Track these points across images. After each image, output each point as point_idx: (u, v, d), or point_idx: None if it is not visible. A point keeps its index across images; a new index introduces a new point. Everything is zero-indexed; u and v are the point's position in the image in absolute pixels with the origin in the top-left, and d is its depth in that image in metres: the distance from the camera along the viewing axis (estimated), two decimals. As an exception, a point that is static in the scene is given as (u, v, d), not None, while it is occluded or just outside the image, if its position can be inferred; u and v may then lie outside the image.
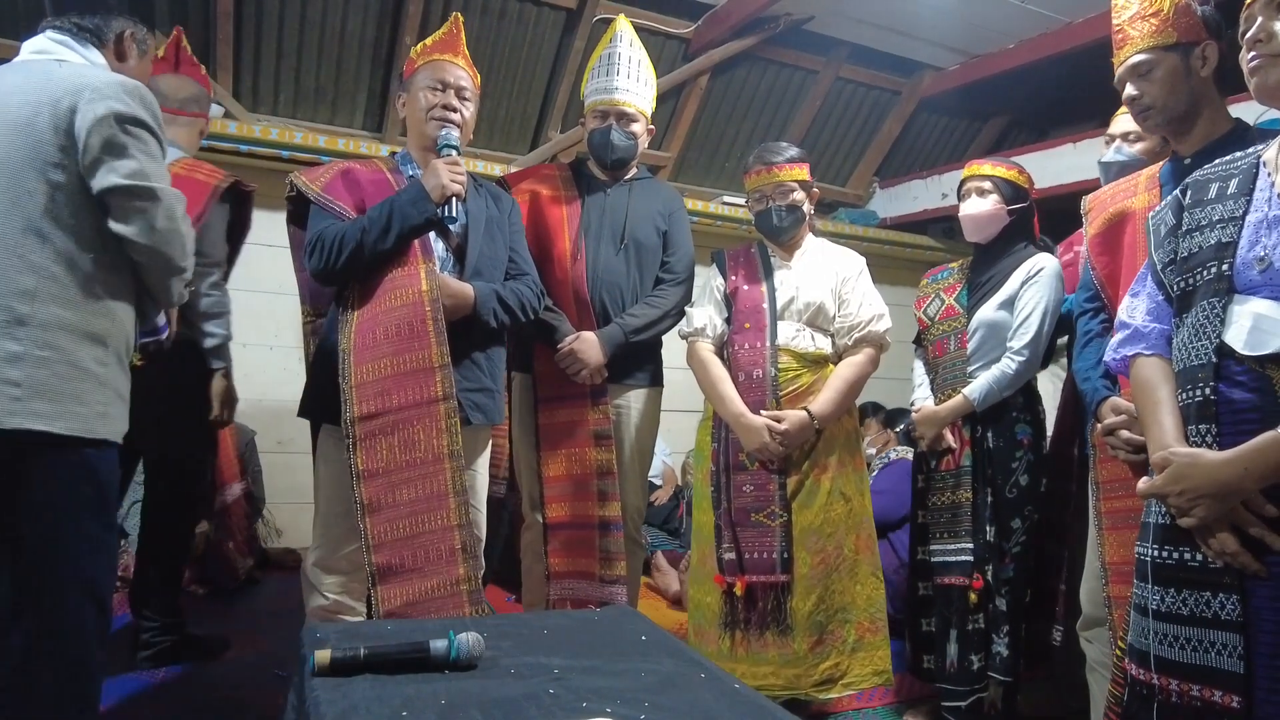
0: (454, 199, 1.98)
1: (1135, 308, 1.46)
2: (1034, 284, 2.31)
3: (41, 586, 1.57)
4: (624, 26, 2.51)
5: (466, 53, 2.18)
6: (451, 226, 2.06)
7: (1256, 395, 1.20)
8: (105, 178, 1.60)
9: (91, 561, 1.64)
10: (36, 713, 1.56)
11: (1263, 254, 1.22)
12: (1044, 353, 2.35)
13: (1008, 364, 2.30)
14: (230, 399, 2.67)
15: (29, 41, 1.77)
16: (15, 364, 1.52)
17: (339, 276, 1.97)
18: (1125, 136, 2.28)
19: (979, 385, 2.32)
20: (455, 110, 2.09)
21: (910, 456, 3.31)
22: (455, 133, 2.08)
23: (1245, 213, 1.28)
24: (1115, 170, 2.24)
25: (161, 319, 1.99)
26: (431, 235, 2.05)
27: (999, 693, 2.38)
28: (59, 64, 1.69)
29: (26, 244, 1.56)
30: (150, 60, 1.94)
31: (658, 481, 4.39)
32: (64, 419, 1.56)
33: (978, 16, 4.31)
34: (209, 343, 2.56)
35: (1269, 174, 1.29)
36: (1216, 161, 1.40)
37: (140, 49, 1.87)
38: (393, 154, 2.22)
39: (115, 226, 1.62)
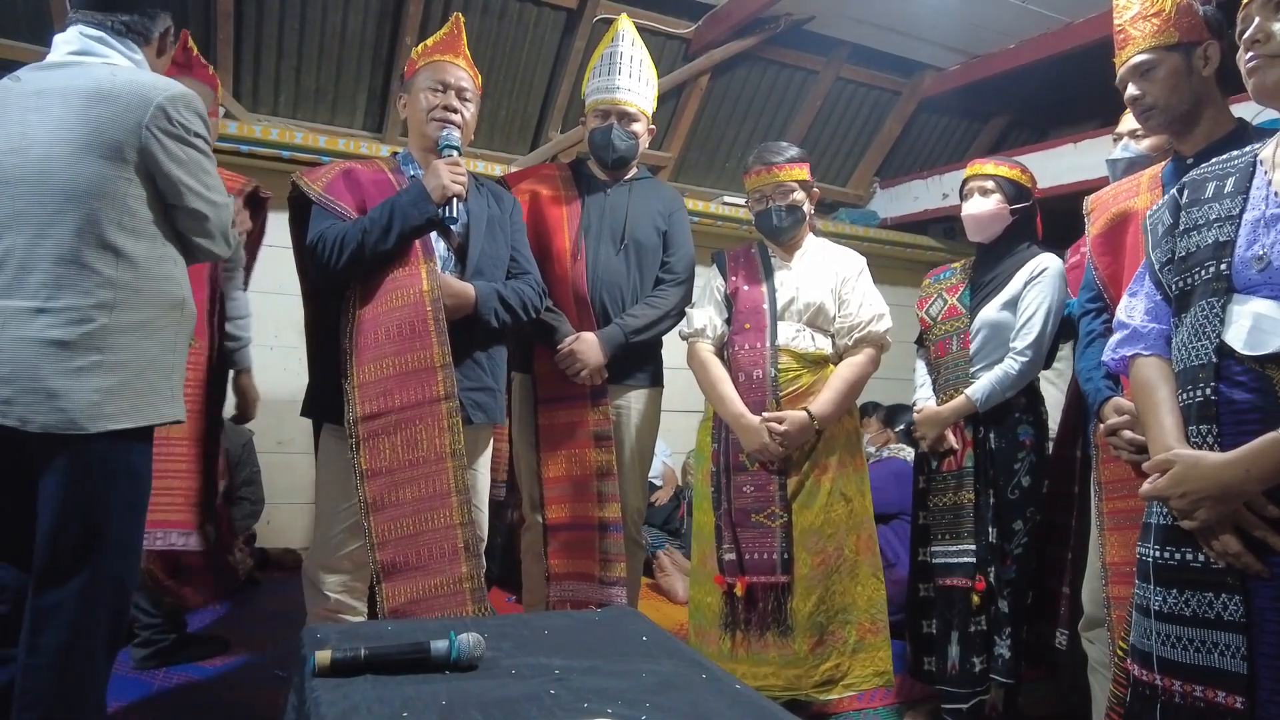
0: (455, 199, 1.99)
1: (1134, 308, 1.46)
2: (1037, 284, 2.31)
3: (57, 562, 1.63)
4: (626, 26, 2.50)
5: (468, 53, 2.18)
6: (452, 227, 2.06)
7: (1257, 395, 1.19)
8: (176, 198, 1.69)
9: (114, 550, 1.69)
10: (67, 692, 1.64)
11: (1261, 253, 1.22)
12: (1047, 353, 2.35)
13: (1010, 364, 2.29)
14: (254, 397, 2.82)
15: (63, 37, 1.74)
16: (95, 372, 1.61)
17: (340, 277, 1.97)
18: (1133, 134, 2.27)
19: (981, 386, 2.31)
20: (456, 111, 2.10)
21: (907, 455, 3.31)
22: (456, 133, 2.08)
23: (1242, 211, 1.27)
24: (1123, 167, 2.24)
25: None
26: (433, 235, 2.06)
27: (1000, 695, 2.37)
28: (112, 71, 1.69)
29: (101, 257, 1.63)
30: (170, 57, 1.96)
31: (658, 482, 4.39)
32: (139, 413, 1.67)
33: (978, 16, 4.30)
34: (232, 345, 2.68)
35: (1265, 172, 1.29)
36: (1213, 161, 1.40)
37: (171, 47, 1.90)
38: (394, 154, 2.23)
39: (188, 237, 1.76)
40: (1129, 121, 2.26)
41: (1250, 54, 1.28)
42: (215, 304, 2.63)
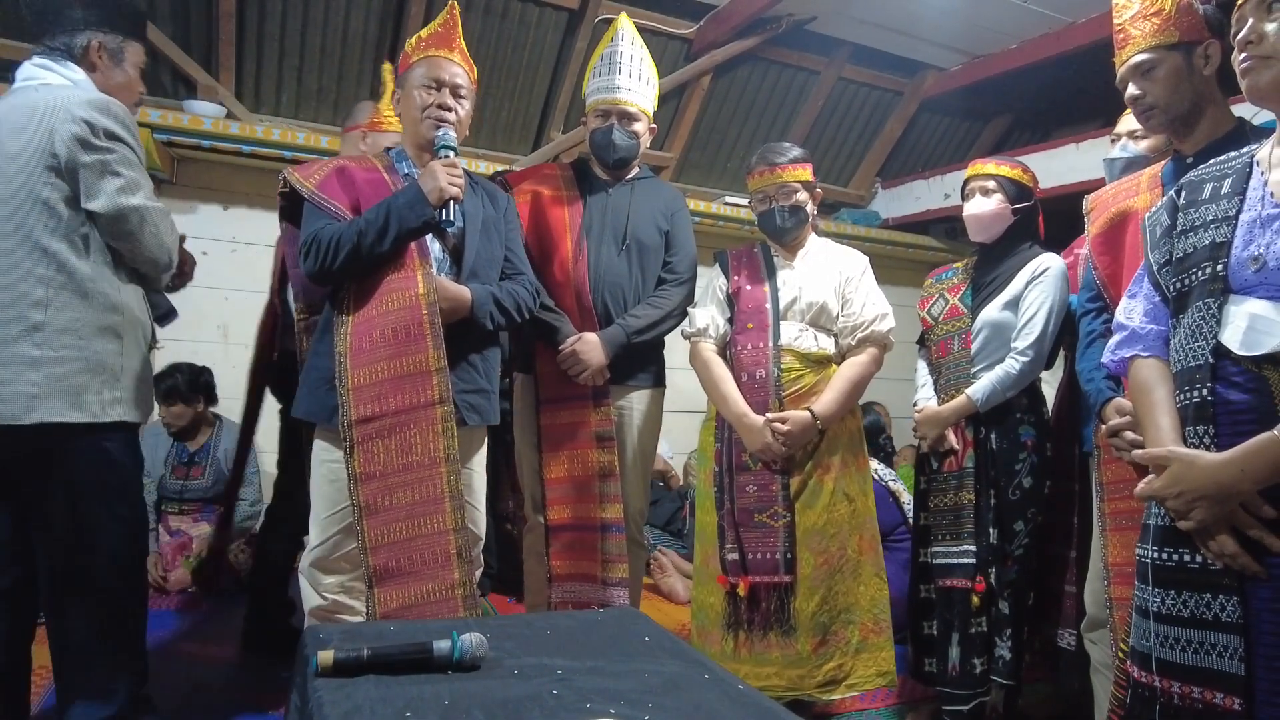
0: (451, 202, 1.96)
1: (1133, 309, 1.46)
2: (1039, 284, 2.31)
3: (72, 559, 1.84)
4: (625, 25, 2.49)
5: (463, 46, 2.13)
6: (449, 230, 2.04)
7: (1253, 396, 1.20)
8: (91, 201, 1.80)
9: (112, 533, 1.89)
10: (90, 672, 1.88)
11: (1257, 253, 1.22)
12: (1049, 353, 2.35)
13: (1012, 364, 2.29)
14: None
15: (20, 69, 1.93)
16: (34, 367, 1.76)
17: (334, 278, 1.96)
18: (1132, 134, 2.27)
19: (982, 386, 2.31)
20: (450, 109, 2.06)
21: (880, 474, 3.27)
22: (453, 133, 2.05)
23: (1239, 212, 1.27)
24: (1120, 167, 2.23)
25: (167, 303, 2.16)
26: (428, 236, 2.03)
27: (1000, 696, 2.37)
28: (39, 89, 1.86)
29: (35, 259, 1.78)
30: (133, 66, 2.03)
31: (659, 483, 4.39)
32: (78, 409, 1.79)
33: (980, 17, 4.30)
34: None
35: (1262, 173, 1.29)
36: (1211, 162, 1.40)
37: (113, 58, 1.98)
38: (387, 150, 2.21)
39: (109, 240, 1.85)
40: (1128, 122, 2.26)
41: (1244, 55, 1.28)
42: (273, 318, 2.74)
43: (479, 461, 2.16)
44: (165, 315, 2.15)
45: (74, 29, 1.93)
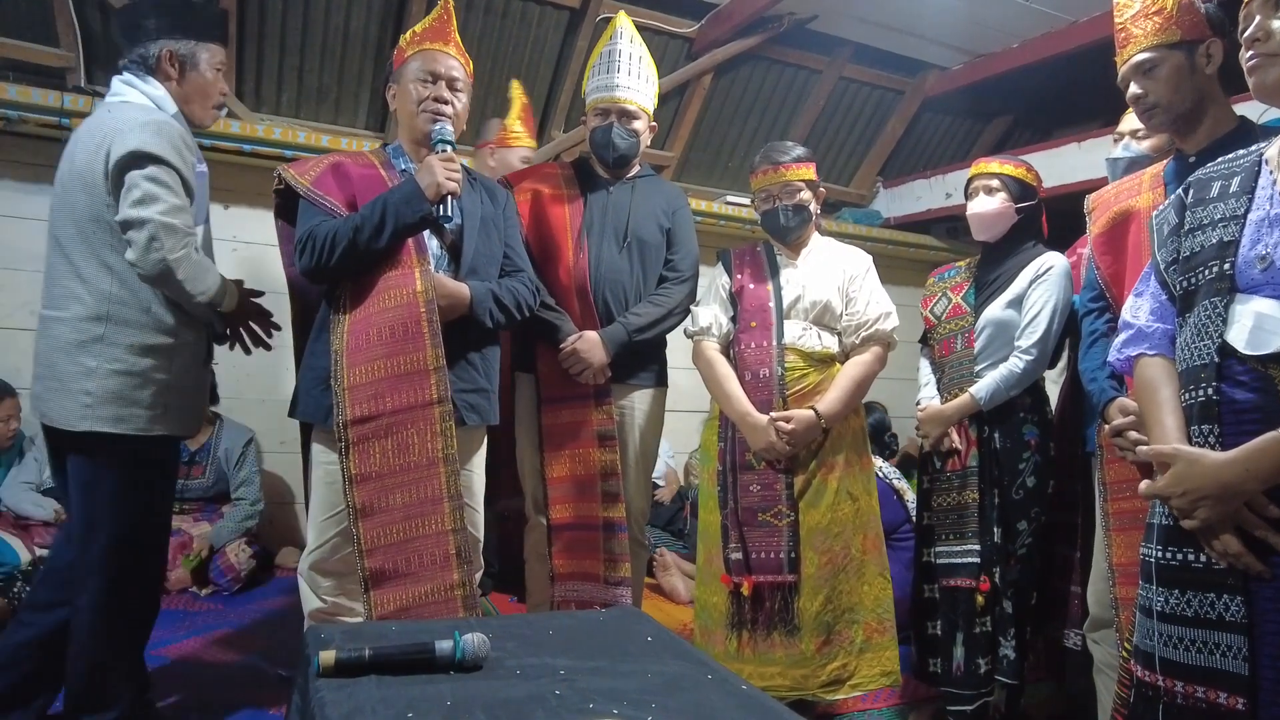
0: (449, 197, 1.94)
1: (1139, 307, 1.46)
2: (1042, 282, 2.30)
3: (83, 551, 1.96)
4: (624, 23, 2.48)
5: (458, 39, 2.11)
6: (447, 225, 2.02)
7: (1258, 395, 1.19)
8: (118, 213, 1.86)
9: (121, 530, 1.96)
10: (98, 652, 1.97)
11: (1264, 252, 1.21)
12: (1052, 352, 2.35)
13: (1015, 363, 2.29)
14: None
15: (111, 84, 2.03)
16: (89, 377, 1.89)
17: (330, 275, 1.94)
18: (1134, 133, 2.26)
19: (986, 384, 2.31)
20: (447, 103, 2.04)
21: (884, 472, 3.27)
22: (450, 127, 2.03)
23: (1247, 211, 1.27)
24: (1123, 167, 2.23)
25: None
26: (426, 233, 2.01)
27: (1003, 696, 2.37)
28: (115, 107, 1.96)
29: (100, 276, 1.91)
30: (210, 69, 2.08)
31: (660, 482, 4.38)
32: (126, 422, 1.91)
33: (981, 16, 4.29)
34: None
35: (1271, 172, 1.28)
36: (1218, 160, 1.40)
37: (186, 64, 2.03)
38: (383, 146, 2.19)
39: (126, 256, 1.88)
40: (1130, 121, 2.25)
41: (1251, 52, 1.28)
42: None
43: (478, 462, 2.15)
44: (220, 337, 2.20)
45: (148, 40, 2.00)
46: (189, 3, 2.13)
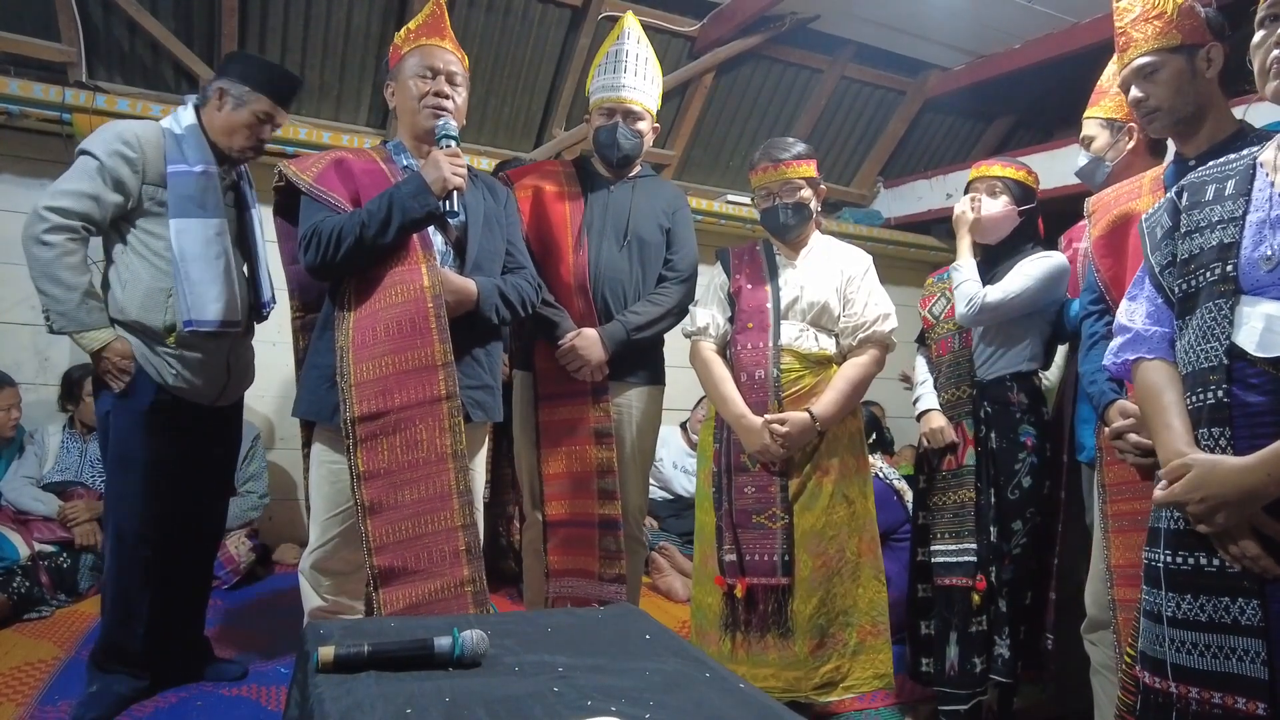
0: (455, 192, 1.94)
1: (1134, 311, 1.45)
2: (1033, 261, 2.32)
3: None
4: (632, 24, 2.49)
5: (453, 35, 2.11)
6: (452, 221, 2.02)
7: (1271, 398, 1.18)
8: None
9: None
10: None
11: (1269, 253, 1.20)
12: (1045, 349, 2.35)
13: (975, 289, 2.31)
14: None
15: None
16: None
17: (336, 271, 1.93)
18: (1083, 142, 2.32)
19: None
20: (447, 97, 2.04)
21: (884, 473, 3.27)
22: (454, 123, 2.03)
23: (1245, 213, 1.26)
24: (1086, 173, 2.30)
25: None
26: (430, 229, 2.01)
27: (996, 695, 2.37)
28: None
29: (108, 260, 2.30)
30: (250, 114, 2.33)
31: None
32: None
33: (983, 16, 4.30)
34: None
35: (1267, 174, 1.28)
36: (1209, 164, 1.39)
37: (233, 102, 2.30)
38: (384, 143, 2.18)
39: None
40: (1086, 127, 2.31)
41: (1274, 54, 1.25)
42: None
43: (479, 460, 2.15)
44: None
45: (220, 76, 2.33)
46: (269, 63, 2.49)
